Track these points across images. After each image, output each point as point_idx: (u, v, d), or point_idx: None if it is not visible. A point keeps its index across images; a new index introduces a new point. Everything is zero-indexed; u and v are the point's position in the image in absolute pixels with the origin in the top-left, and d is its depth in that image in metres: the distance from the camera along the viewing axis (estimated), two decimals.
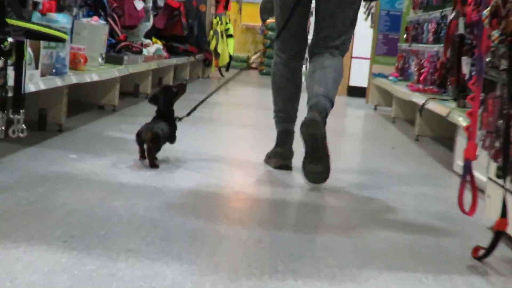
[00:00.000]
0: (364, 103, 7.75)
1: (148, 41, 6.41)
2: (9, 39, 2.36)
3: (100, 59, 4.51)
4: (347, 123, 6.58)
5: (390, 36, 7.81)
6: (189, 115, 3.36)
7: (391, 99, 6.30)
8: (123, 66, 4.85)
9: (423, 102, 4.49)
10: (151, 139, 3.03)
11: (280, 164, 3.29)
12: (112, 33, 5.22)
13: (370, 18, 8.59)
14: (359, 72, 8.60)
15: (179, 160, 3.27)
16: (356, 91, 8.77)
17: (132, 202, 2.40)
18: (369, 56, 7.98)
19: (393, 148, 4.55)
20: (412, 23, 6.60)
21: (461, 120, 3.46)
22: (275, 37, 3.31)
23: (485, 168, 2.38)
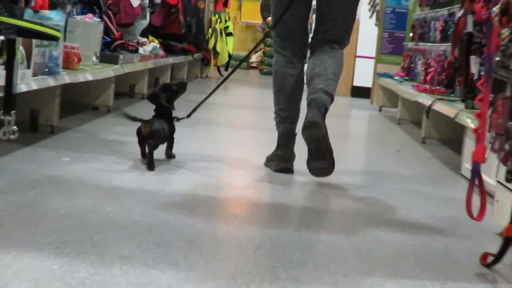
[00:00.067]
0: (369, 104, 7.76)
1: (145, 40, 6.41)
2: (0, 37, 2.36)
3: (95, 58, 4.52)
4: (351, 125, 6.59)
5: (396, 35, 7.82)
6: (189, 117, 3.36)
7: (397, 100, 6.31)
8: (118, 66, 4.85)
9: (430, 103, 4.49)
10: (151, 134, 3.05)
11: (281, 167, 3.29)
12: (107, 31, 5.22)
13: (375, 16, 8.61)
14: (364, 72, 8.60)
15: (177, 163, 3.27)
16: (360, 92, 8.77)
17: (127, 207, 2.40)
18: (374, 55, 7.98)
19: (399, 151, 4.55)
20: (419, 21, 6.60)
21: (470, 122, 3.47)
22: (272, 26, 3.36)
23: (494, 172, 2.38)
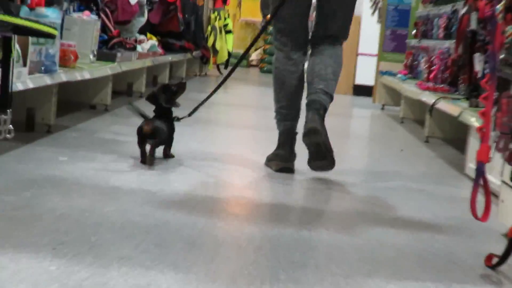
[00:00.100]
0: (371, 103, 7.75)
1: (143, 37, 6.41)
2: None
3: (92, 56, 4.52)
4: (353, 124, 6.59)
5: (398, 32, 7.82)
6: (191, 116, 3.37)
7: (399, 99, 6.31)
8: (116, 64, 4.85)
9: (433, 102, 4.49)
10: (152, 132, 3.05)
11: (282, 167, 3.29)
12: (104, 29, 5.22)
13: (377, 13, 8.61)
14: (366, 70, 8.59)
15: (176, 163, 3.27)
16: (362, 90, 8.77)
17: (125, 207, 2.40)
18: (376, 53, 7.98)
19: (402, 150, 4.55)
20: (422, 18, 6.60)
21: (474, 121, 3.47)
22: (269, 19, 3.39)
23: (499, 172, 2.38)
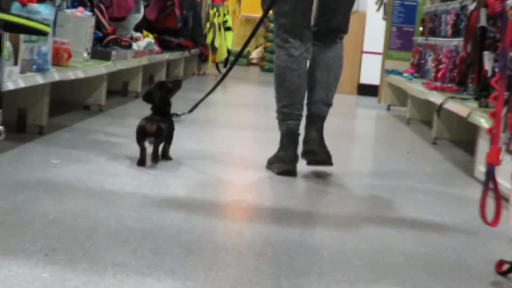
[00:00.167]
0: (376, 103, 7.76)
1: (139, 35, 6.41)
2: None
3: (86, 54, 4.52)
4: (358, 125, 6.59)
5: (405, 29, 7.82)
6: (191, 112, 3.39)
7: (406, 99, 6.30)
8: (111, 62, 4.85)
9: (441, 102, 4.49)
10: (156, 131, 3.06)
11: (284, 170, 3.28)
12: (99, 26, 5.22)
13: (383, 9, 8.60)
14: (371, 69, 8.59)
15: (173, 165, 3.27)
16: (367, 90, 8.76)
17: (121, 211, 2.40)
18: (382, 51, 7.98)
19: (408, 152, 4.55)
20: (429, 15, 6.60)
21: (483, 122, 3.46)
22: (266, 9, 3.39)
23: (510, 174, 2.38)
